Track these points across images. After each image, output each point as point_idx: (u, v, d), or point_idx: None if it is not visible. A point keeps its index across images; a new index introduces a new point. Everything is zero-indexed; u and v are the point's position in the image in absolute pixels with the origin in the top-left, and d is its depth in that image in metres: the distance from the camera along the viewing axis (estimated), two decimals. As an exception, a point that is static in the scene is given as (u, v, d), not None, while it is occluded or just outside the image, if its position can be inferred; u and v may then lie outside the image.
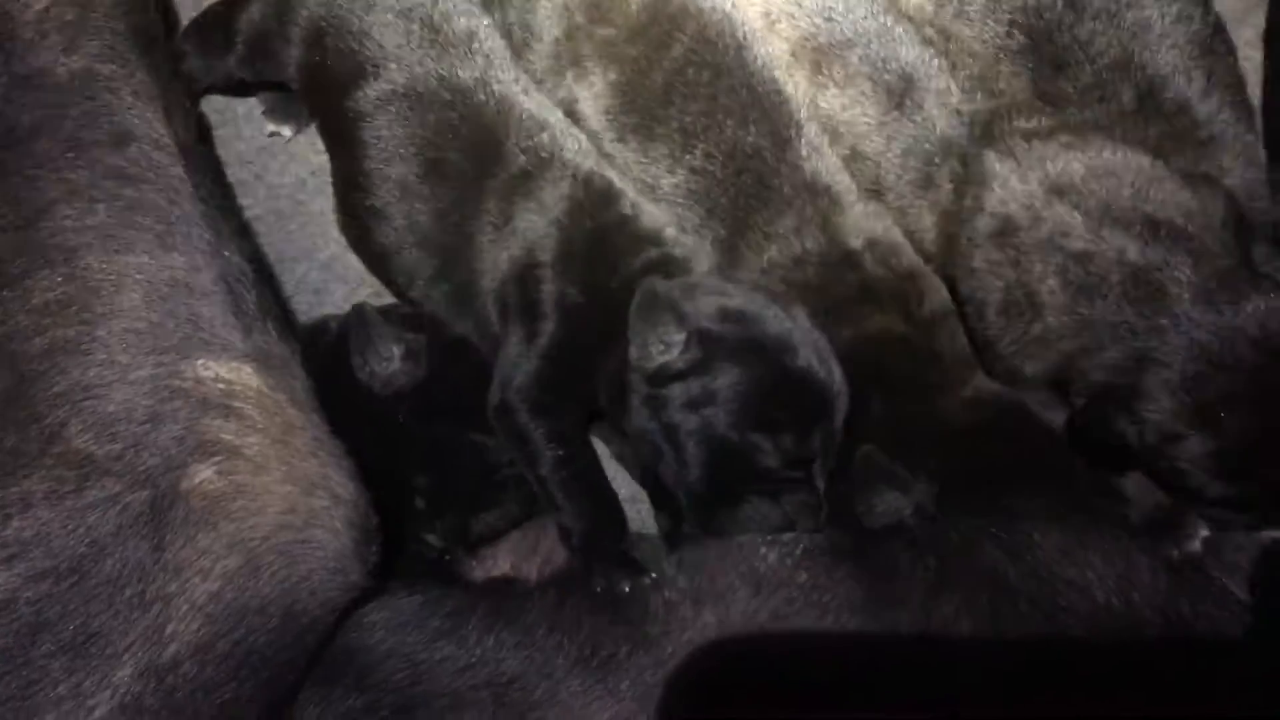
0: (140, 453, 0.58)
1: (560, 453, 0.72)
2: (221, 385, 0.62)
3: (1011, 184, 0.73)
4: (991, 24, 0.78)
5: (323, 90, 0.79)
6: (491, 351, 0.76)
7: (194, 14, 0.83)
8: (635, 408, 0.71)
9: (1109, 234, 0.70)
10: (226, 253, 0.68)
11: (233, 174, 0.85)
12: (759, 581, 0.71)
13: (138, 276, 0.63)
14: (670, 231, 0.75)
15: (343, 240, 0.81)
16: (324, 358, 0.74)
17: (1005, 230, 0.73)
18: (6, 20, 0.71)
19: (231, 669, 0.56)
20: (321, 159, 0.84)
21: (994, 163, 0.74)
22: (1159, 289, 0.68)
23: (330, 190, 0.81)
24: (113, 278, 0.62)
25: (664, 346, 0.68)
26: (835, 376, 0.70)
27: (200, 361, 0.62)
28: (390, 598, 0.67)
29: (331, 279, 0.84)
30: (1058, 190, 0.72)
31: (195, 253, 0.66)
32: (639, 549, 0.71)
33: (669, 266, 0.72)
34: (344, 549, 0.62)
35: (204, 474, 0.59)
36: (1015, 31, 0.78)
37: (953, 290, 0.75)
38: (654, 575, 0.70)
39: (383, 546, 0.65)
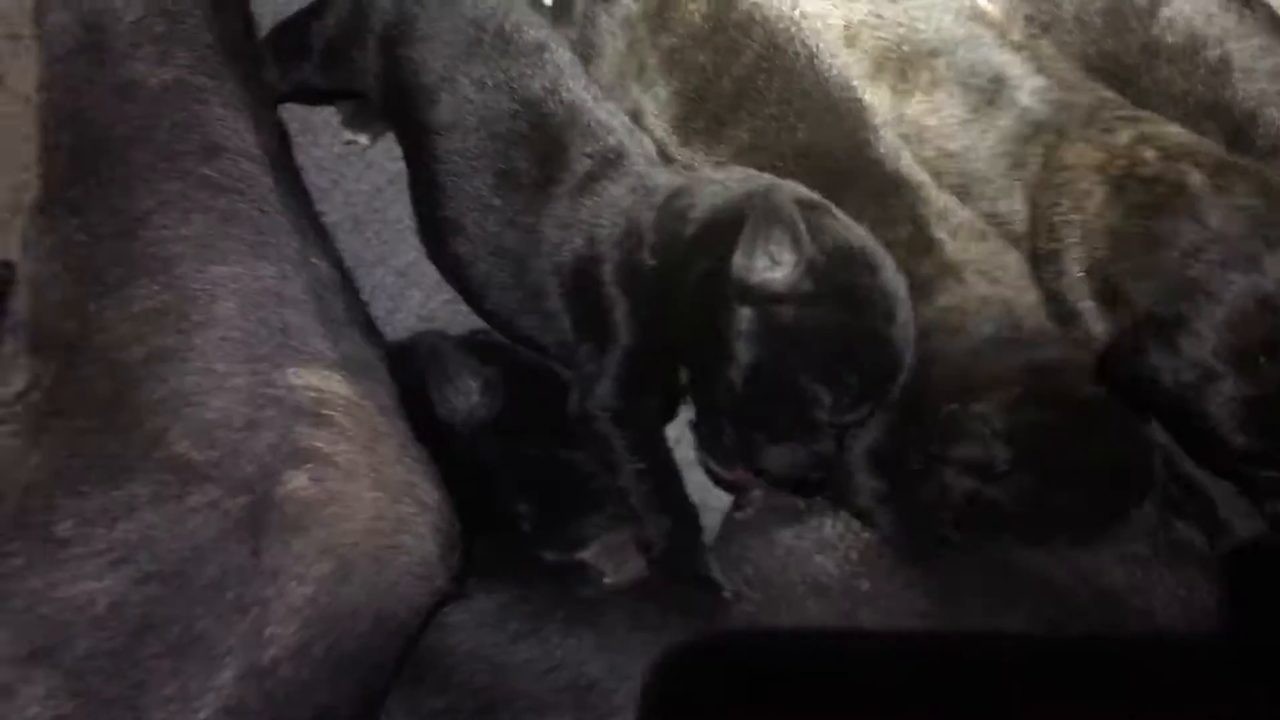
0: (238, 459, 0.59)
1: (640, 465, 0.73)
2: (313, 393, 0.63)
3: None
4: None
5: (397, 99, 0.80)
6: (566, 361, 0.77)
7: (273, 23, 0.85)
8: (718, 316, 0.69)
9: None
10: (314, 261, 0.70)
11: (310, 181, 0.86)
12: (823, 590, 0.72)
13: (232, 286, 0.64)
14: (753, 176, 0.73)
15: (420, 246, 0.82)
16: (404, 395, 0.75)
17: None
18: (100, 30, 0.72)
19: (327, 672, 0.58)
20: (398, 166, 0.85)
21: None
22: (1222, 219, 0.68)
23: (406, 198, 0.83)
24: (208, 287, 0.63)
25: (770, 263, 0.67)
26: (910, 354, 0.69)
27: (292, 370, 0.63)
28: (471, 600, 0.68)
29: (408, 285, 0.86)
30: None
31: (285, 262, 0.67)
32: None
33: (766, 187, 0.70)
34: (430, 555, 0.64)
35: (298, 481, 0.60)
36: (1094, 77, 0.78)
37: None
38: (729, 591, 0.71)
39: (465, 552, 0.66)
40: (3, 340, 0.64)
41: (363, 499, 0.62)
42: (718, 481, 0.76)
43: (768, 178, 0.72)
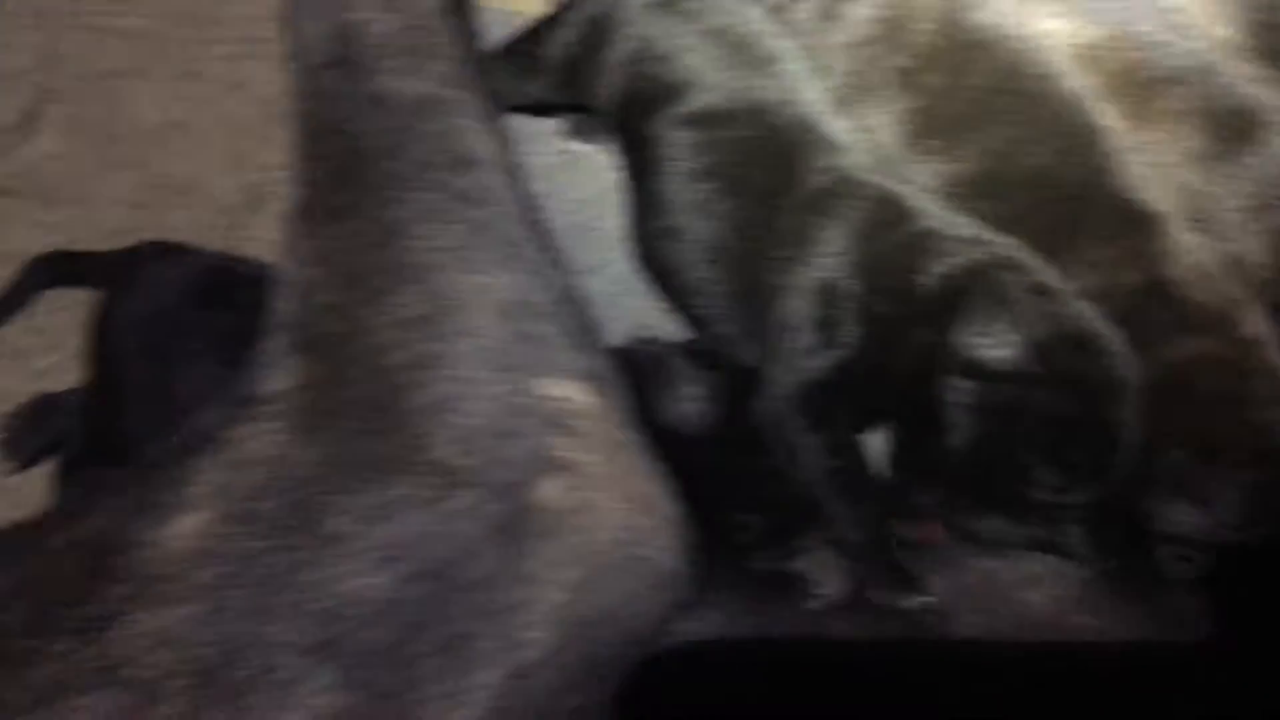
0: (495, 466, 0.61)
1: (837, 463, 0.73)
2: (561, 403, 0.65)
3: None
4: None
5: (627, 111, 0.82)
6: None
7: (502, 35, 0.87)
8: (936, 382, 0.69)
9: None
10: (556, 272, 0.72)
11: (528, 189, 0.89)
12: (1034, 625, 0.72)
13: (487, 296, 0.66)
14: (988, 234, 0.73)
15: (632, 257, 0.84)
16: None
17: None
18: (352, 44, 0.75)
19: (579, 678, 0.60)
20: (612, 176, 0.87)
21: None
22: None
23: (618, 208, 0.84)
24: (465, 297, 0.66)
25: (994, 343, 0.67)
26: (1135, 438, 0.68)
27: (543, 380, 0.65)
28: (700, 610, 0.69)
29: (621, 293, 0.87)
30: None
31: (531, 273, 0.69)
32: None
33: (997, 264, 0.70)
34: (669, 567, 0.65)
35: (550, 489, 0.62)
36: None
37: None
38: (931, 597, 0.71)
39: (699, 564, 0.67)
40: (271, 338, 0.68)
41: (609, 509, 0.63)
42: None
43: (1001, 245, 0.72)
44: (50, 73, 0.97)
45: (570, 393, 0.65)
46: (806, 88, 0.79)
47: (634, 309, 0.86)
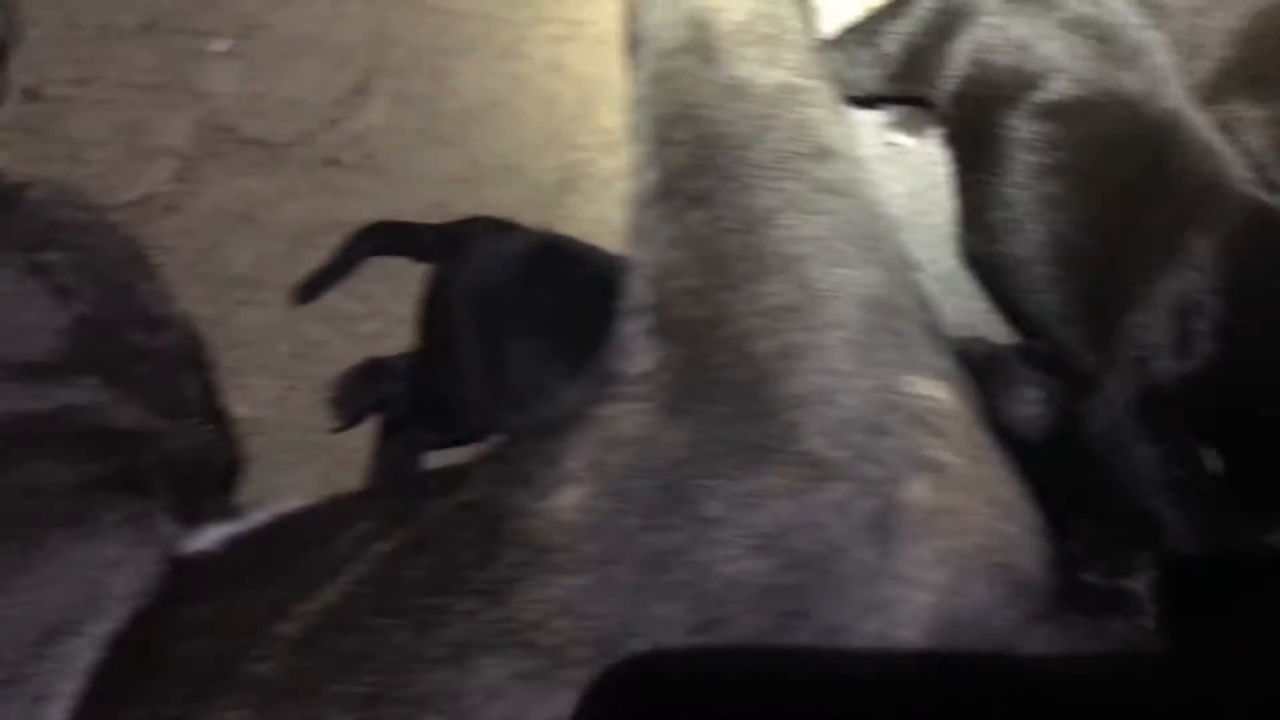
0: (865, 461, 0.61)
1: (1176, 474, 0.71)
2: (927, 402, 0.64)
3: None
4: None
5: (972, 103, 0.80)
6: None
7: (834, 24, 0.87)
8: None
9: None
10: (909, 268, 0.71)
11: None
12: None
13: (851, 289, 0.66)
14: None
15: (959, 254, 0.82)
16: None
17: None
18: (707, 29, 0.76)
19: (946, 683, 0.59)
20: (937, 171, 0.86)
21: None
22: None
23: (945, 204, 0.83)
24: (831, 288, 0.65)
25: None
26: None
27: (909, 377, 0.64)
28: (1048, 625, 0.67)
29: (948, 291, 0.86)
30: None
31: (892, 268, 0.68)
32: None
33: None
34: (1032, 577, 0.63)
35: (919, 488, 0.61)
36: None
37: None
38: None
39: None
40: (628, 320, 0.69)
41: (975, 513, 0.62)
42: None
43: None
44: (379, 49, 1.01)
45: (936, 391, 0.64)
46: (1173, 82, 0.75)
47: (957, 308, 0.85)
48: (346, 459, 0.94)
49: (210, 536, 0.69)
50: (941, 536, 0.61)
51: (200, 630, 0.60)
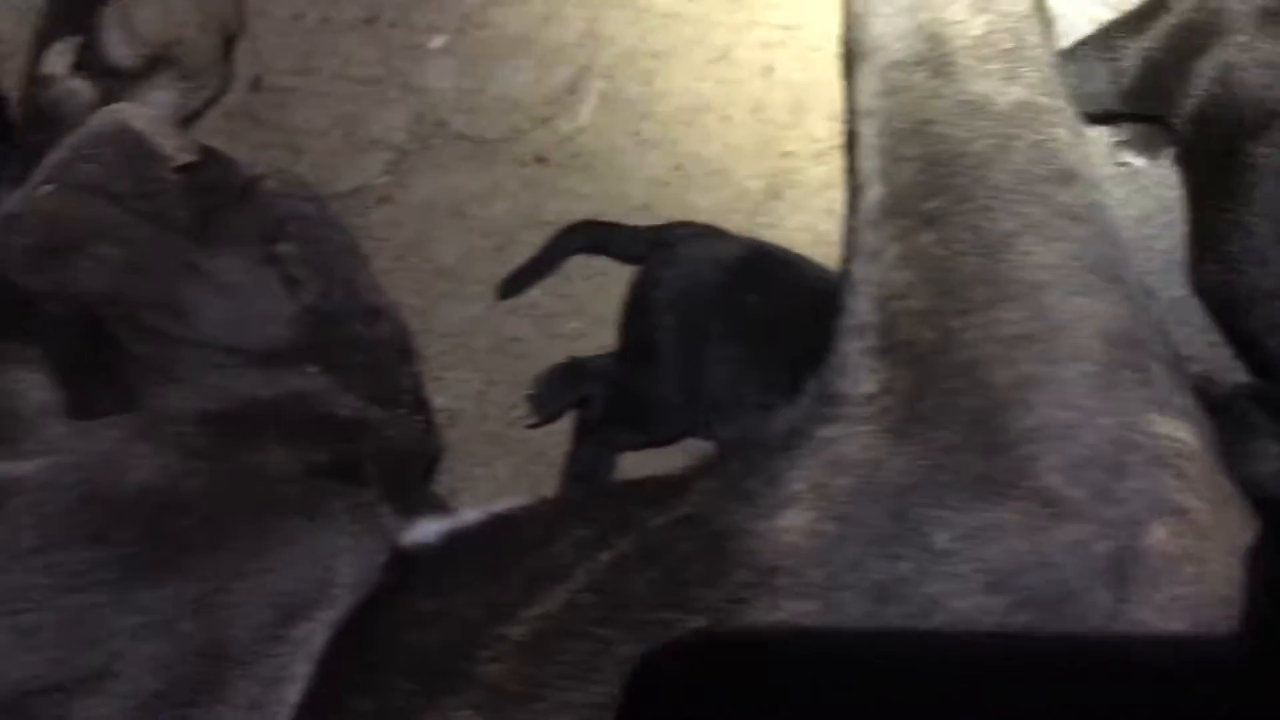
0: (1105, 502, 0.59)
1: None
2: (1170, 442, 0.61)
3: None
4: None
5: (1215, 127, 0.76)
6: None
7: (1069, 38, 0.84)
8: None
9: None
10: (1150, 300, 0.68)
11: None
12: None
13: (1093, 321, 0.63)
14: None
15: (1191, 284, 0.79)
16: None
17: None
18: (943, 42, 0.74)
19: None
20: (1170, 195, 0.82)
21: None
22: None
23: (1177, 228, 0.79)
24: (1072, 319, 0.63)
25: None
26: None
27: (1151, 417, 0.61)
28: None
29: (1177, 323, 0.82)
30: None
31: (1131, 300, 0.66)
32: None
33: None
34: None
35: (1159, 533, 0.59)
36: None
37: None
38: None
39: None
40: (848, 339, 0.68)
41: (1215, 562, 0.59)
42: None
43: None
44: (591, 49, 1.02)
45: (1178, 432, 0.61)
46: None
47: (1188, 340, 0.81)
48: (541, 455, 0.95)
49: (428, 530, 0.71)
50: (1182, 584, 0.58)
51: (424, 624, 0.62)
